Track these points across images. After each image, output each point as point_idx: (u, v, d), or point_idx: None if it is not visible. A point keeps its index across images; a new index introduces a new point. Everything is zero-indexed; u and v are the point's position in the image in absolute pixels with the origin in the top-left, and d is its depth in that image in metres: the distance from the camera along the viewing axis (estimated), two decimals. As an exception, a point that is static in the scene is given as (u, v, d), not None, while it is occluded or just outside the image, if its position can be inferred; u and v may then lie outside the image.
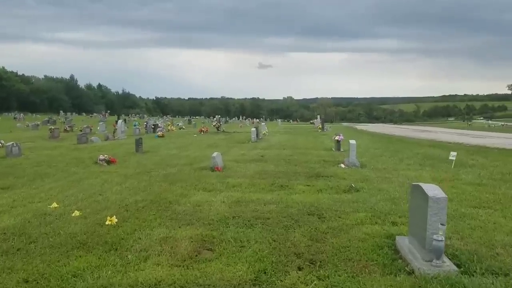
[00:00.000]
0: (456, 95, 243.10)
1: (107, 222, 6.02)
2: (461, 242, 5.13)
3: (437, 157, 13.94)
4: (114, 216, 6.17)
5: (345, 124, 70.40)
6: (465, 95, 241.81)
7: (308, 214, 6.40)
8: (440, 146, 17.57)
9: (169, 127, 32.79)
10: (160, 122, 34.11)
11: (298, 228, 5.72)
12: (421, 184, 4.71)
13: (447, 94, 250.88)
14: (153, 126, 29.31)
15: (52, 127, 26.23)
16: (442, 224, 4.30)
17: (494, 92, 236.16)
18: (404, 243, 4.98)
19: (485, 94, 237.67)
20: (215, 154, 11.06)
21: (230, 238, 5.27)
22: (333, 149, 16.25)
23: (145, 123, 32.73)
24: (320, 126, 34.47)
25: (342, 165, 11.51)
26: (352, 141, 11.99)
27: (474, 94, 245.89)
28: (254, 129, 21.06)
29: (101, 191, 8.39)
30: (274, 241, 5.19)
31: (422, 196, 4.52)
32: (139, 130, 27.95)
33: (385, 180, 9.40)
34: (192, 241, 5.16)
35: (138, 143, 16.16)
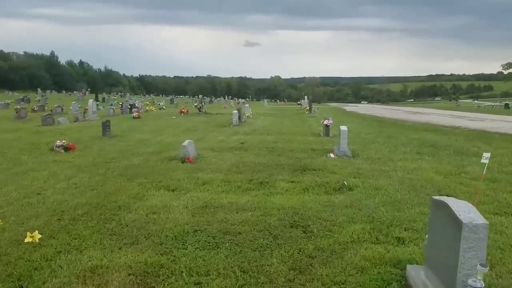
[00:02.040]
0: (442, 74, 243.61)
1: (26, 239, 4.55)
2: (491, 272, 3.82)
3: (435, 143, 12.68)
4: (37, 231, 4.70)
5: (333, 104, 69.07)
6: (451, 74, 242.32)
7: (291, 226, 5.03)
8: (436, 131, 16.32)
9: (147, 108, 30.99)
10: (137, 102, 32.19)
11: (276, 249, 4.35)
12: (447, 200, 3.34)
13: (433, 73, 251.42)
14: (129, 106, 27.47)
15: (19, 107, 24.27)
16: (482, 265, 2.95)
17: (480, 72, 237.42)
18: (419, 277, 3.64)
19: (471, 74, 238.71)
20: (186, 142, 9.58)
21: (183, 267, 3.88)
22: (321, 134, 14.89)
23: (121, 103, 30.80)
24: (308, 108, 33.02)
25: (332, 155, 10.15)
26: (343, 128, 10.62)
27: (461, 73, 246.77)
28: (236, 111, 19.47)
29: (41, 189, 6.89)
30: (244, 272, 3.82)
31: (451, 220, 3.16)
32: (114, 110, 26.08)
33: (382, 174, 8.07)
34: (129, 274, 3.75)
35: (105, 126, 14.55)
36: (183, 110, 27.00)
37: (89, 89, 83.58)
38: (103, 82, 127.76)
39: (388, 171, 8.39)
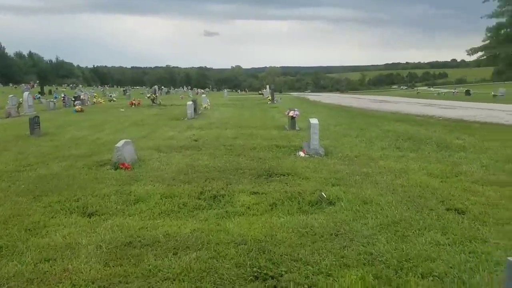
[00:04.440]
0: (398, 63, 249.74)
1: None
2: None
3: (413, 136, 11.36)
4: None
5: (295, 94, 67.91)
6: (407, 63, 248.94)
7: (255, 279, 3.31)
8: (409, 121, 15.10)
9: (94, 99, 28.24)
10: (82, 94, 29.25)
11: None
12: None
13: (389, 62, 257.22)
14: (73, 99, 24.68)
15: None
16: None
17: (434, 60, 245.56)
18: None
19: (426, 62, 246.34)
20: (121, 142, 7.61)
21: None
22: (287, 127, 13.26)
23: (63, 96, 27.82)
24: (270, 97, 31.42)
25: (301, 153, 8.52)
26: (313, 121, 9.00)
27: (416, 62, 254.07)
28: (190, 102, 17.39)
29: None
30: None
31: None
32: (55, 103, 23.23)
33: (365, 179, 6.51)
34: None
35: (33, 122, 12.21)
36: (134, 102, 24.62)
37: (38, 82, 78.03)
38: (54, 74, 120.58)
39: (372, 174, 6.84)
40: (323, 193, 5.41)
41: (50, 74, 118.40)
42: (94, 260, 3.63)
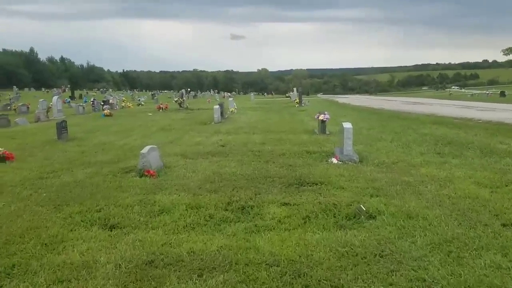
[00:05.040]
0: (428, 64, 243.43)
1: None
2: None
3: (453, 140, 10.65)
4: None
5: (323, 96, 66.92)
6: (437, 64, 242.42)
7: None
8: (446, 124, 14.27)
9: (123, 104, 28.46)
10: (111, 98, 29.61)
11: None
12: None
13: (419, 63, 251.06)
14: (102, 103, 24.93)
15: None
16: None
17: (465, 61, 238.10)
18: None
19: (457, 62, 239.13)
20: (146, 149, 7.34)
21: None
22: (316, 131, 12.76)
23: (92, 100, 28.19)
24: (298, 100, 30.85)
25: (334, 160, 8.02)
26: (347, 125, 8.48)
27: (446, 62, 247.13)
28: (217, 106, 17.12)
29: None
30: None
31: None
32: (84, 108, 23.49)
33: (407, 189, 5.96)
34: None
35: (61, 127, 12.21)
36: (161, 106, 24.62)
37: (69, 86, 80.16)
38: (85, 79, 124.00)
39: (414, 183, 6.28)
40: (361, 206, 4.91)
41: (81, 78, 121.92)
42: (112, 282, 3.30)
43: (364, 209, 4.87)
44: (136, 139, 12.28)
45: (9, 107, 25.44)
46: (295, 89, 41.42)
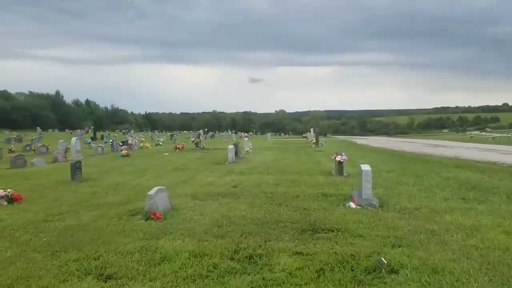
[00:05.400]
0: (448, 107, 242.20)
1: None
2: None
3: (478, 184, 10.06)
4: None
5: (341, 137, 66.45)
6: (456, 107, 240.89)
7: None
8: (469, 167, 13.64)
9: (141, 144, 28.67)
10: (130, 138, 29.94)
11: None
12: None
13: (438, 106, 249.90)
14: (121, 144, 25.13)
15: (-4, 147, 22.05)
16: None
17: (485, 104, 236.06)
18: None
19: (477, 106, 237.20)
20: (154, 190, 7.07)
21: None
22: (333, 173, 12.32)
23: (111, 140, 28.52)
24: (314, 141, 30.55)
25: (352, 204, 7.56)
26: (365, 167, 8.06)
27: (466, 106, 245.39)
28: (232, 146, 16.91)
29: None
30: None
31: None
32: (103, 148, 23.67)
33: (431, 239, 5.46)
34: None
35: (74, 168, 12.13)
36: (178, 146, 24.65)
37: (92, 127, 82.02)
38: (109, 121, 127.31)
39: (438, 232, 5.77)
40: (383, 259, 4.44)
41: (105, 121, 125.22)
42: None
43: (385, 262, 4.39)
44: (149, 179, 12.08)
45: (28, 148, 25.86)
46: (312, 129, 41.20)
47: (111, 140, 29.13)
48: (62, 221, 6.89)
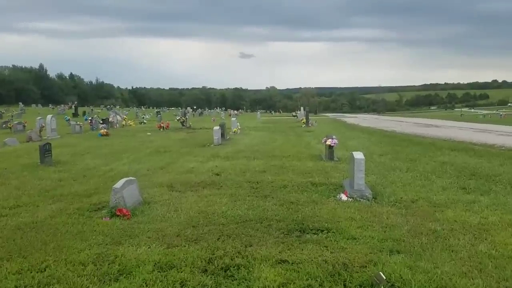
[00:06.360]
0: (437, 84, 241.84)
1: None
2: None
3: (477, 171, 9.43)
4: None
5: (331, 115, 65.71)
6: (445, 83, 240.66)
7: None
8: (466, 150, 12.99)
9: (124, 122, 27.59)
10: (111, 116, 28.79)
11: None
12: None
13: (427, 83, 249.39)
14: (101, 122, 24.02)
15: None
16: None
17: (474, 81, 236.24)
18: None
19: (466, 82, 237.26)
20: (121, 182, 6.24)
21: None
22: (323, 157, 11.61)
23: (90, 118, 27.35)
24: (304, 120, 29.80)
25: (343, 196, 6.85)
26: (358, 155, 7.31)
27: (455, 82, 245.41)
28: (217, 127, 16.01)
29: None
30: None
31: None
32: (81, 127, 22.53)
33: (434, 242, 4.77)
34: None
35: (44, 150, 11.19)
36: (162, 125, 23.66)
37: (75, 102, 79.87)
38: (94, 95, 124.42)
39: (442, 233, 5.08)
40: (381, 273, 3.73)
41: (90, 95, 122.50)
42: None
43: (384, 277, 3.69)
44: (125, 163, 11.22)
45: (4, 125, 24.57)
46: (302, 108, 40.41)
47: (90, 118, 27.88)
48: (16, 216, 6.06)
